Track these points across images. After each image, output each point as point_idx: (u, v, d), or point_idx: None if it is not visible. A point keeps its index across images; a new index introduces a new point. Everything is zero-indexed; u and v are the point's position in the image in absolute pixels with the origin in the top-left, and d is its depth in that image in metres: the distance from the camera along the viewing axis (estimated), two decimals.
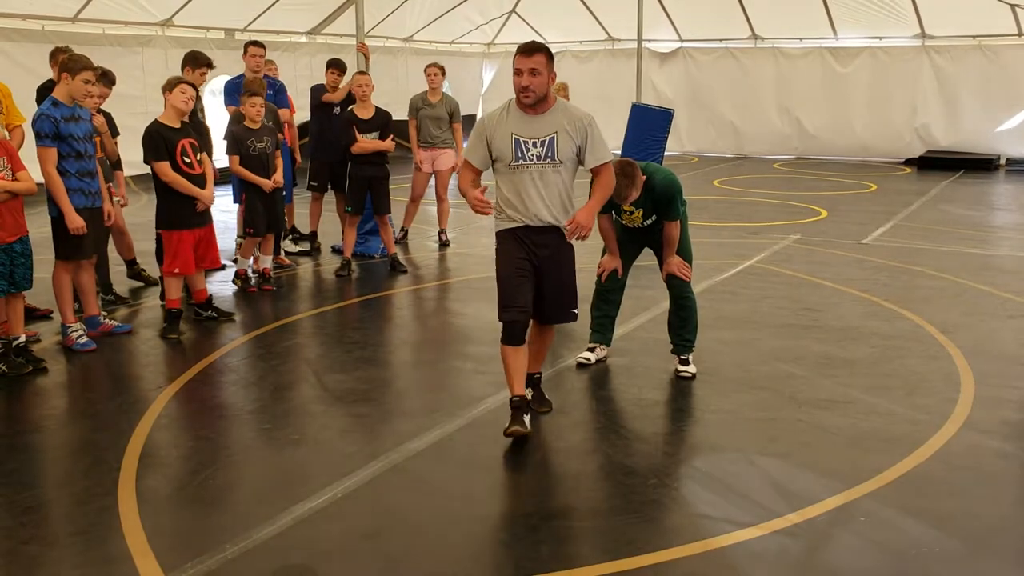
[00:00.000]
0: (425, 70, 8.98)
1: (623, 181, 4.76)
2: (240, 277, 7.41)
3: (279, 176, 7.28)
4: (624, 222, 5.31)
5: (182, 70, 7.31)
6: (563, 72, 22.30)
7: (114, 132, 6.86)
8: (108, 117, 6.78)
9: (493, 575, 3.22)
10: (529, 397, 4.51)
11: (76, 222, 5.55)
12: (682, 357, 5.31)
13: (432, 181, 9.16)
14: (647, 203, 5.10)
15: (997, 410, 4.73)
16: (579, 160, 4.33)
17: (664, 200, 5.08)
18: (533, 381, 4.67)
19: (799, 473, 4.02)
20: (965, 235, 9.81)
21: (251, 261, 7.48)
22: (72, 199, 5.65)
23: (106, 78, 6.67)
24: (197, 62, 7.28)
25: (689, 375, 5.23)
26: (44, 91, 6.41)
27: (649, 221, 5.22)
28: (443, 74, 8.97)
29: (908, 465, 4.06)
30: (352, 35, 9.65)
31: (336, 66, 8.83)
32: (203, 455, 4.24)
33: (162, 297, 6.67)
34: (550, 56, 4.28)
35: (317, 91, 8.75)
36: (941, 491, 3.85)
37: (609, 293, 5.49)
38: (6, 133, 5.91)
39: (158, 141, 6.03)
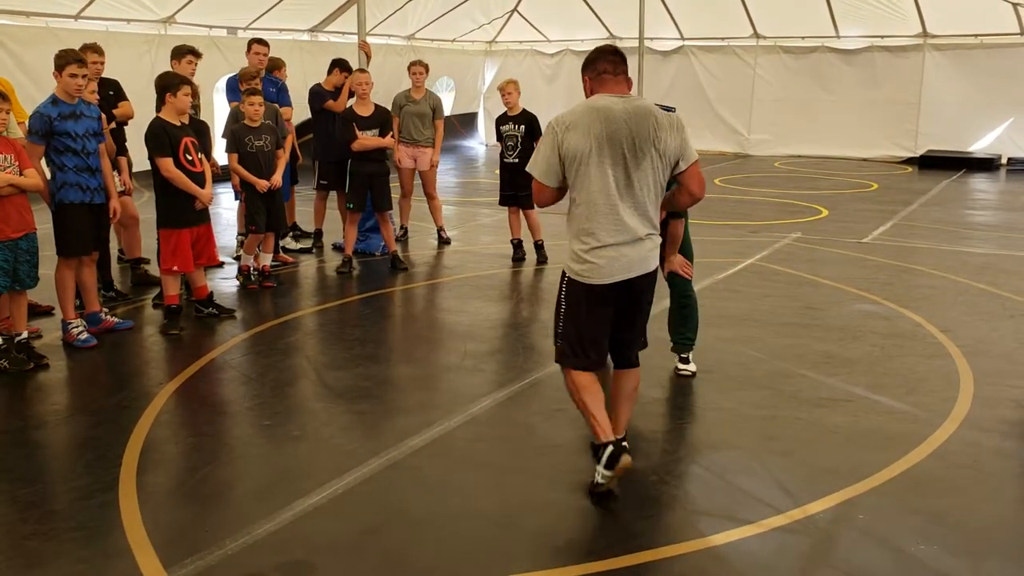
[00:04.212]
0: (409, 67, 8.97)
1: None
2: (243, 273, 7.42)
3: (277, 177, 7.26)
4: None
5: (171, 65, 7.33)
6: (564, 71, 22.48)
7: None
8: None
9: (492, 571, 3.23)
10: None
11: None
12: (682, 356, 5.32)
13: (418, 179, 9.15)
14: None
15: (996, 408, 4.73)
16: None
17: None
18: None
19: (799, 471, 4.02)
20: (965, 234, 9.81)
21: (253, 258, 7.49)
22: (68, 194, 5.68)
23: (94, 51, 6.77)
24: (180, 52, 7.30)
25: (689, 373, 5.24)
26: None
27: None
28: (427, 72, 8.97)
29: (907, 463, 4.07)
30: (354, 33, 9.66)
31: (341, 66, 8.81)
32: (204, 451, 4.26)
33: (158, 298, 6.68)
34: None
35: (318, 95, 8.73)
36: (940, 489, 3.86)
37: None
38: (18, 131, 5.93)
39: (162, 137, 6.03)
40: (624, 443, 3.76)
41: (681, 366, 5.28)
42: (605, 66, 3.70)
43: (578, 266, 3.67)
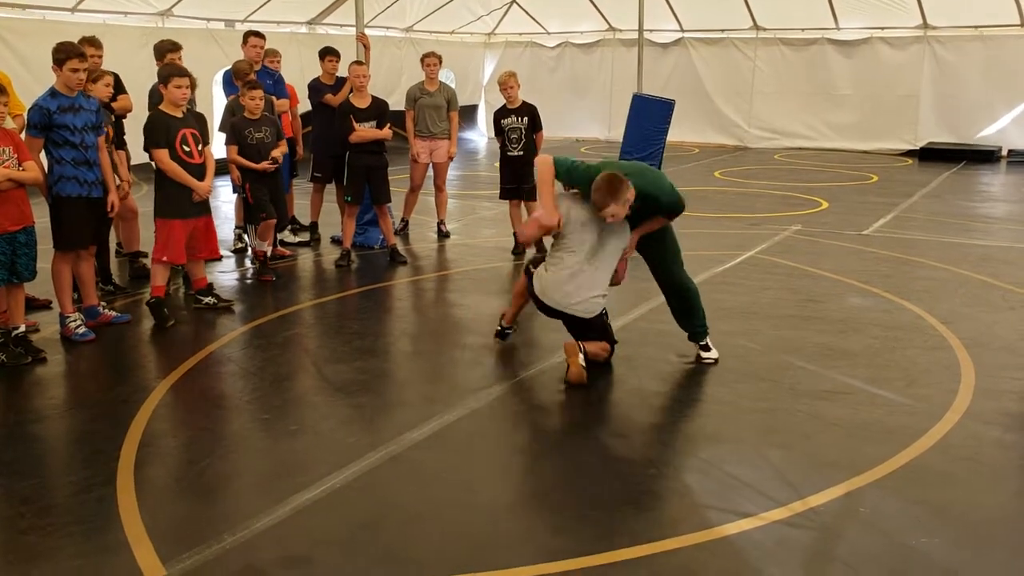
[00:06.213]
0: (422, 59, 8.93)
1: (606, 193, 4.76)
2: (258, 259, 7.44)
3: (277, 153, 7.26)
4: None
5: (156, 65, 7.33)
6: (564, 63, 22.42)
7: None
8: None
9: (491, 564, 3.21)
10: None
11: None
12: (701, 343, 5.33)
13: (430, 171, 9.16)
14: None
15: (997, 401, 4.72)
16: None
17: (650, 200, 4.93)
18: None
19: (799, 464, 4.01)
20: (966, 226, 9.79)
21: (266, 244, 7.47)
22: (66, 187, 5.65)
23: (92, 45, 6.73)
24: (160, 51, 7.32)
25: (712, 360, 5.26)
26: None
27: None
28: (440, 63, 8.94)
29: (908, 456, 4.06)
30: (352, 25, 9.63)
31: (332, 53, 8.79)
32: (202, 445, 4.24)
33: None
34: None
35: (316, 88, 8.71)
36: (941, 482, 3.85)
37: None
38: (11, 124, 5.90)
39: (158, 128, 6.01)
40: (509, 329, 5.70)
41: (704, 354, 5.32)
42: None
43: None
